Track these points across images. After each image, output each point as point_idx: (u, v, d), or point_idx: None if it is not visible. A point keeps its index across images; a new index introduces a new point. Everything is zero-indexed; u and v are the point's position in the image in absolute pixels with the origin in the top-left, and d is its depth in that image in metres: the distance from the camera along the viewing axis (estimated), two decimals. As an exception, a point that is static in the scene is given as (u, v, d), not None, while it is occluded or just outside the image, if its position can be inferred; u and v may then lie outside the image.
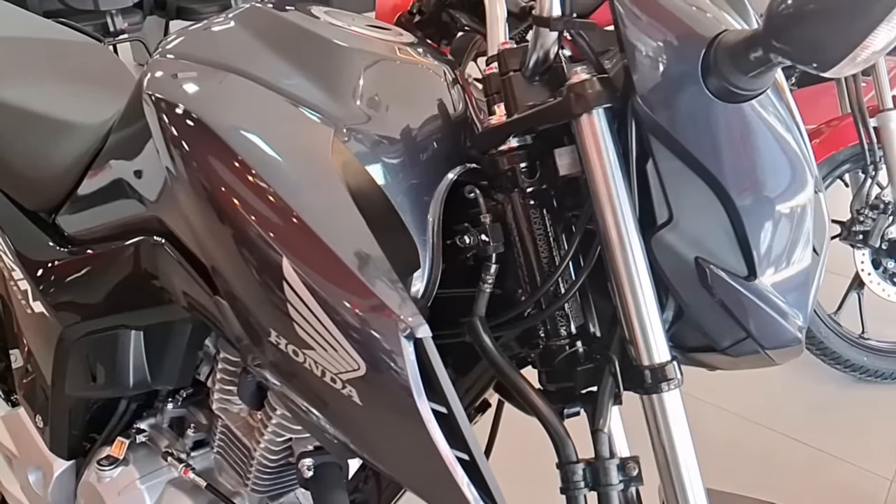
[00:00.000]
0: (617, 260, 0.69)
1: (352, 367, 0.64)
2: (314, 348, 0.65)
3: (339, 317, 0.64)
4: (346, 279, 0.64)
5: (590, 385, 0.73)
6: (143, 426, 1.12)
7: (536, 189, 0.75)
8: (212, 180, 0.70)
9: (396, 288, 0.65)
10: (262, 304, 0.67)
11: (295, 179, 0.68)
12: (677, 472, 0.69)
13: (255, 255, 0.67)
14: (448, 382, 0.65)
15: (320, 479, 0.94)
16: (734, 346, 0.72)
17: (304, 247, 0.65)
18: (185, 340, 1.01)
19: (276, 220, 0.66)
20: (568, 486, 0.67)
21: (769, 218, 0.69)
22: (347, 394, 0.65)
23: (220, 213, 0.69)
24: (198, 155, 0.71)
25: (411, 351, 0.63)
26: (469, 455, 0.65)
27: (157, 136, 0.76)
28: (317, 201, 0.68)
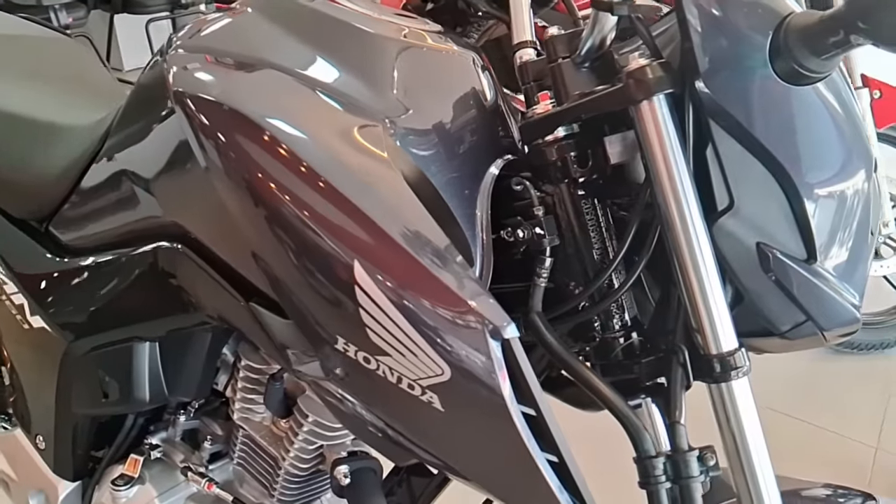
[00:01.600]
0: (682, 248, 0.67)
1: (434, 373, 0.61)
2: (390, 354, 0.62)
3: (419, 321, 0.61)
4: (426, 280, 0.61)
5: (654, 377, 0.72)
6: (156, 441, 1.07)
7: (587, 178, 0.74)
8: (270, 183, 0.66)
9: (479, 287, 0.63)
10: (330, 310, 0.64)
11: (358, 177, 0.65)
12: (748, 460, 0.69)
13: (322, 259, 0.63)
14: (536, 383, 0.63)
15: (358, 485, 0.91)
16: (793, 330, 0.71)
17: (377, 248, 0.62)
18: (204, 349, 0.97)
19: (345, 221, 0.63)
20: (648, 480, 0.66)
21: (830, 200, 0.68)
22: (427, 400, 0.62)
23: (280, 218, 0.65)
24: (250, 156, 0.67)
25: (500, 353, 0.60)
26: (558, 457, 0.63)
27: (192, 135, 0.72)
28: (384, 199, 0.64)
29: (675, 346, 0.70)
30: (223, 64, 0.76)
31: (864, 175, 0.69)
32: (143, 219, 0.88)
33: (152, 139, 0.84)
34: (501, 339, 0.60)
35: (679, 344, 0.69)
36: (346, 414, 0.74)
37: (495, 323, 0.60)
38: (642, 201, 0.71)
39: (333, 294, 0.63)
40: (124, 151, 0.90)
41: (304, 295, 0.66)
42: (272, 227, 0.66)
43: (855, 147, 0.69)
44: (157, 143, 0.83)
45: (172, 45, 0.81)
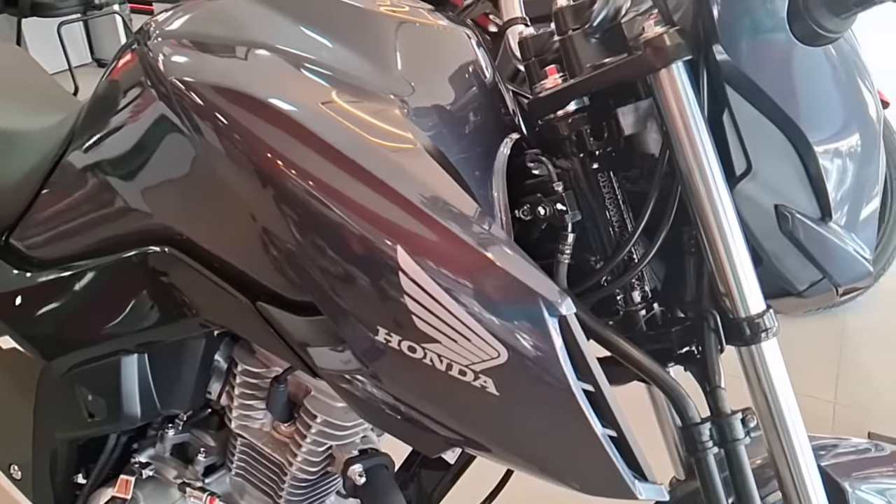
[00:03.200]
0: (707, 213, 0.67)
1: (489, 356, 0.59)
2: (439, 341, 0.60)
3: (471, 303, 0.58)
4: (474, 260, 0.59)
5: (685, 345, 0.72)
6: (145, 459, 1.01)
7: (602, 151, 0.73)
8: (293, 169, 0.62)
9: (529, 263, 0.61)
10: (370, 301, 0.61)
11: (387, 157, 0.62)
12: (781, 421, 0.70)
13: (361, 247, 0.60)
14: (593, 358, 0.61)
15: (373, 483, 0.89)
16: (810, 289, 0.73)
17: (420, 230, 0.59)
18: (197, 357, 0.92)
19: (382, 204, 0.60)
20: (696, 447, 0.66)
21: (842, 158, 0.70)
22: (481, 385, 0.60)
23: (309, 206, 0.61)
24: (268, 140, 0.63)
25: (558, 329, 0.59)
26: (617, 431, 0.62)
27: (191, 125, 0.67)
28: (417, 179, 0.62)
29: (705, 311, 0.70)
30: (217, 48, 0.71)
31: (876, 131, 0.71)
32: (122, 223, 0.82)
33: (131, 135, 0.78)
34: (559, 315, 0.59)
35: (709, 309, 0.70)
36: (372, 408, 0.71)
37: (551, 299, 0.59)
38: (660, 171, 0.70)
39: (375, 283, 0.60)
40: (94, 152, 0.84)
41: (340, 288, 0.62)
42: (300, 218, 0.62)
43: (865, 105, 0.70)
44: (138, 138, 0.77)
45: (150, 34, 0.76)
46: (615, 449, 0.62)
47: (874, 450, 0.86)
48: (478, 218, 0.62)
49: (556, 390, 0.59)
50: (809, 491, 0.70)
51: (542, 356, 0.59)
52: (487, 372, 0.60)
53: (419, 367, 0.62)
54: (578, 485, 0.64)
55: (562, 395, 0.59)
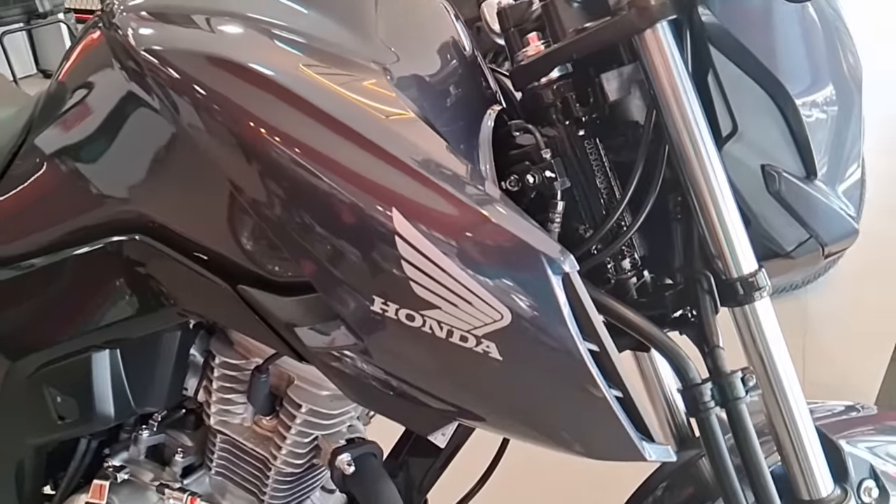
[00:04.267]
0: (696, 175, 0.67)
1: (492, 319, 0.57)
2: (438, 307, 0.58)
3: (472, 264, 0.57)
4: (473, 220, 0.57)
5: (679, 308, 0.72)
6: (118, 463, 0.97)
7: (588, 118, 0.72)
8: (281, 135, 0.59)
9: (528, 221, 0.59)
10: (365, 269, 0.59)
11: (377, 118, 0.60)
12: (777, 380, 0.70)
13: (354, 211, 0.57)
14: (598, 317, 0.60)
15: (363, 472, 0.86)
16: (797, 248, 0.73)
17: (415, 192, 0.57)
18: (172, 351, 0.88)
19: (376, 166, 0.58)
20: (698, 408, 0.66)
21: (826, 116, 0.71)
22: (483, 350, 0.59)
23: (299, 172, 0.59)
24: (252, 107, 0.60)
25: (562, 287, 0.57)
26: (623, 392, 0.61)
27: (166, 99, 0.64)
28: (409, 140, 0.60)
29: (698, 274, 0.70)
30: (185, 19, 0.68)
31: (854, 89, 0.72)
32: (89, 212, 0.79)
33: (97, 118, 0.75)
34: (562, 273, 0.58)
35: (702, 271, 0.69)
36: (363, 387, 0.69)
37: (553, 256, 0.58)
38: (647, 136, 0.70)
39: (370, 250, 0.58)
40: (56, 140, 0.80)
41: (332, 258, 0.60)
42: (289, 186, 0.60)
43: (842, 64, 0.71)
44: (105, 121, 0.74)
45: (115, 11, 0.73)
46: (622, 410, 0.61)
47: (862, 410, 0.87)
48: (473, 179, 0.60)
49: (561, 350, 0.58)
50: (807, 447, 0.70)
51: (547, 315, 0.57)
52: (490, 336, 0.58)
53: (418, 337, 0.60)
54: (584, 449, 0.63)
55: (567, 356, 0.58)
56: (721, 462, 0.66)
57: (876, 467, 0.76)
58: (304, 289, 0.68)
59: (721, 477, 0.67)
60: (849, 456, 0.74)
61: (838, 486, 0.72)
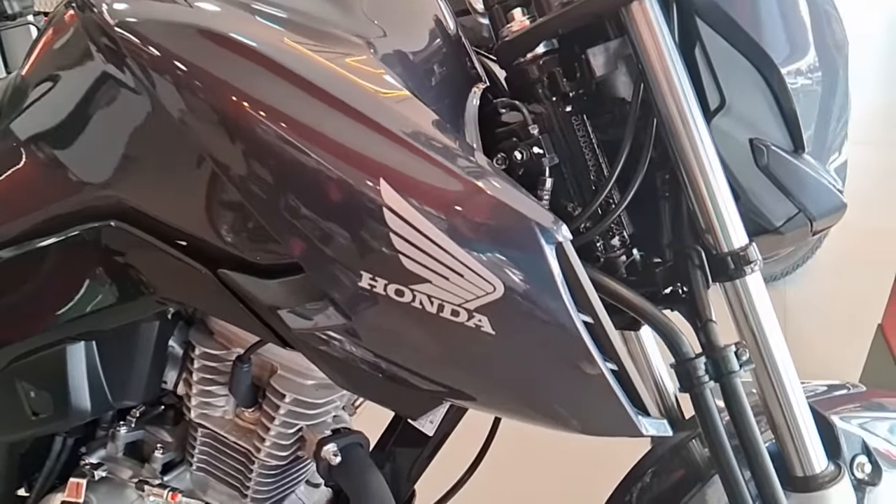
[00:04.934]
0: (686, 149, 0.67)
1: (484, 291, 0.56)
2: (429, 280, 0.56)
3: (462, 235, 0.55)
4: (463, 189, 0.56)
5: (669, 284, 0.71)
6: (96, 460, 0.94)
7: (575, 93, 0.71)
8: (263, 109, 0.58)
9: (519, 190, 0.58)
10: (353, 243, 0.57)
11: (363, 89, 0.58)
12: (769, 354, 0.69)
13: (339, 183, 0.56)
14: (591, 287, 0.59)
15: (349, 462, 0.84)
16: (786, 224, 0.73)
17: (403, 162, 0.56)
18: (150, 342, 0.85)
19: (362, 136, 0.56)
20: (692, 383, 0.65)
21: (813, 89, 0.70)
22: (475, 325, 0.57)
23: (283, 144, 0.57)
24: (233, 82, 0.58)
25: (555, 257, 0.56)
26: (618, 365, 0.60)
27: (146, 80, 0.63)
28: (395, 109, 0.58)
29: (688, 249, 0.69)
30: None
31: (840, 62, 0.72)
32: (62, 199, 0.76)
33: (70, 102, 0.73)
34: (555, 242, 0.56)
35: (692, 246, 0.68)
36: (351, 370, 0.67)
37: (546, 225, 0.56)
38: (634, 110, 0.69)
39: (357, 223, 0.56)
40: (28, 126, 0.78)
41: (318, 232, 0.58)
42: (273, 159, 0.58)
43: (831, 35, 0.71)
44: (79, 104, 0.72)
45: None
46: (618, 383, 0.60)
47: (851, 388, 0.87)
48: (461, 148, 0.59)
49: (554, 322, 0.57)
50: (800, 423, 0.70)
51: (540, 286, 0.56)
52: (482, 309, 0.57)
53: (408, 313, 0.58)
54: (579, 424, 0.62)
55: (561, 328, 0.57)
56: (717, 437, 0.65)
57: (868, 443, 0.76)
58: (288, 271, 0.66)
59: (717, 452, 0.66)
60: (841, 432, 0.74)
61: (832, 462, 0.72)
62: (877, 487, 0.75)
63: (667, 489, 0.88)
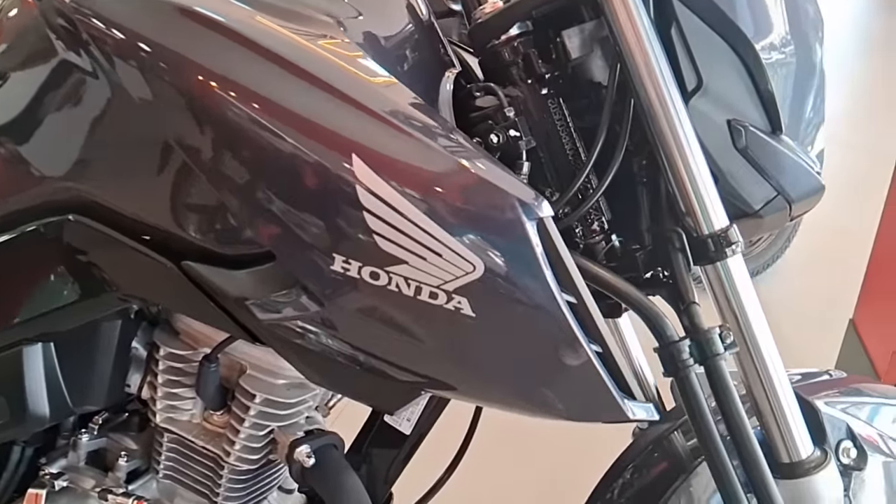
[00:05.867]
0: (664, 130, 0.65)
1: (463, 271, 0.53)
2: (405, 261, 0.54)
3: (440, 213, 0.53)
4: (440, 165, 0.53)
5: (650, 268, 0.69)
6: (56, 470, 0.89)
7: (551, 76, 0.70)
8: (231, 87, 0.55)
9: (498, 165, 0.56)
10: (324, 224, 0.54)
11: (335, 63, 0.56)
12: (752, 338, 0.68)
13: (309, 160, 0.53)
14: (574, 266, 0.57)
15: (324, 464, 0.81)
16: (765, 207, 0.72)
17: (376, 136, 0.53)
18: (112, 343, 0.82)
19: (332, 110, 0.54)
20: (676, 366, 0.63)
21: (789, 70, 0.70)
22: (454, 307, 0.54)
23: (252, 121, 0.54)
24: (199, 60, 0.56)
25: (536, 234, 0.54)
26: (602, 347, 0.58)
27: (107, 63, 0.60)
28: (369, 85, 0.56)
29: (669, 232, 0.67)
30: None
31: (816, 43, 0.71)
32: (17, 194, 0.73)
33: (25, 93, 0.70)
34: (537, 218, 0.54)
35: (673, 229, 0.67)
36: (325, 363, 0.64)
37: (527, 201, 0.54)
38: (611, 93, 0.68)
39: (329, 201, 0.54)
40: None
41: (286, 213, 0.55)
42: (242, 138, 0.55)
43: (805, 15, 0.70)
44: (34, 95, 0.69)
45: None
46: (603, 366, 0.58)
47: (833, 374, 0.87)
48: (439, 125, 0.57)
49: (537, 302, 0.55)
50: (785, 408, 0.68)
51: (521, 264, 0.54)
52: (462, 290, 0.54)
53: (383, 297, 0.55)
54: (563, 410, 0.59)
55: (544, 308, 0.55)
56: (703, 422, 0.64)
57: (853, 428, 0.75)
58: (256, 261, 0.63)
59: (704, 438, 0.64)
60: (826, 417, 0.73)
61: (817, 447, 0.70)
62: (862, 472, 0.74)
63: (649, 483, 0.86)
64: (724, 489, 0.64)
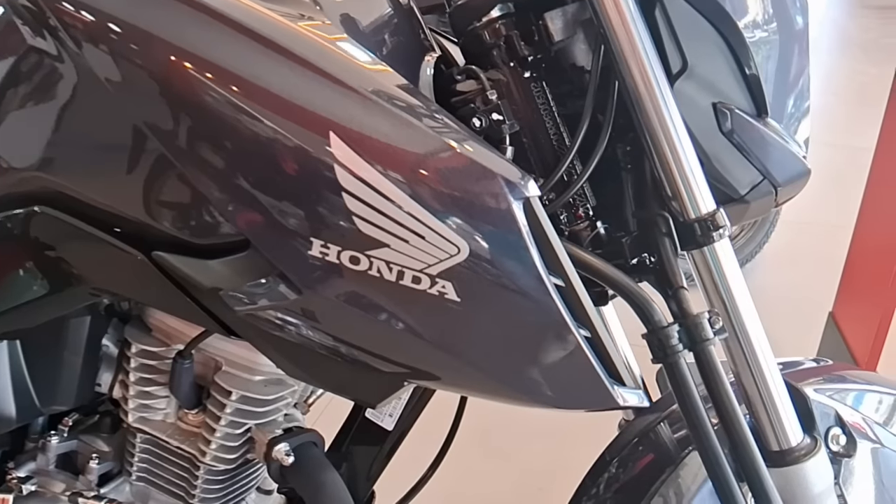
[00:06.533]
0: (650, 112, 0.64)
1: (448, 253, 0.51)
2: (387, 244, 0.52)
3: (422, 193, 0.51)
4: (422, 143, 0.51)
5: (636, 254, 0.68)
6: (24, 474, 0.86)
7: (534, 59, 0.68)
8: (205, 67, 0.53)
9: (482, 144, 0.54)
10: (300, 206, 0.52)
11: (312, 40, 0.54)
12: (741, 324, 0.67)
13: (285, 138, 0.51)
14: (562, 248, 0.55)
15: (303, 462, 0.78)
16: (751, 192, 0.71)
17: (355, 113, 0.51)
18: (81, 341, 0.79)
19: (309, 86, 0.51)
20: (665, 352, 0.61)
21: (775, 52, 0.69)
22: (438, 292, 0.52)
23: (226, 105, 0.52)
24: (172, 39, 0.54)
25: (523, 214, 0.52)
26: (591, 331, 0.56)
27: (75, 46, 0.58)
28: (348, 61, 0.54)
29: (655, 216, 0.66)
30: None
31: (802, 25, 0.70)
32: None
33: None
34: (523, 198, 0.53)
35: (660, 213, 0.66)
36: (303, 355, 0.62)
37: (513, 180, 0.52)
38: (595, 76, 0.66)
39: (307, 182, 0.51)
40: None
41: (265, 197, 0.53)
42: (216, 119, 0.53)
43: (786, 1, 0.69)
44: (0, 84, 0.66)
45: None
46: (592, 351, 0.56)
47: (820, 363, 0.86)
48: (422, 103, 0.55)
49: (524, 285, 0.53)
50: (774, 395, 0.67)
51: (508, 245, 0.52)
52: (446, 274, 0.52)
53: (364, 282, 0.53)
54: (552, 397, 0.58)
55: (531, 291, 0.53)
56: (693, 408, 0.62)
57: (841, 415, 0.74)
58: (229, 250, 0.61)
59: (694, 424, 0.63)
60: (815, 404, 0.72)
61: (807, 434, 0.69)
62: (852, 460, 0.73)
63: (636, 476, 0.85)
64: (716, 478, 0.63)
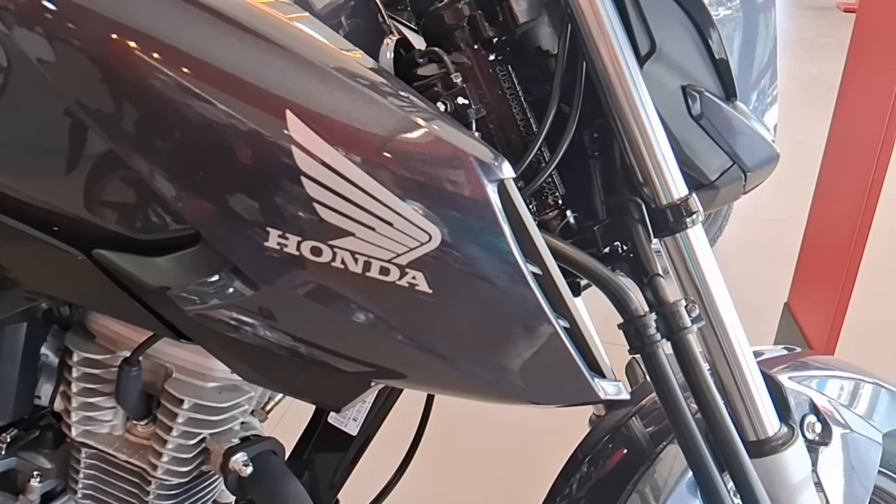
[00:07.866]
0: (619, 97, 0.62)
1: (419, 241, 0.48)
2: (351, 233, 0.48)
3: (389, 177, 0.47)
4: (389, 123, 0.48)
5: (608, 243, 0.66)
6: (-43, 497, 0.80)
7: (498, 41, 0.65)
8: (152, 48, 0.48)
9: (454, 125, 0.50)
10: (254, 195, 0.47)
11: (268, 15, 0.50)
12: (715, 312, 0.66)
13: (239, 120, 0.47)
14: (539, 234, 0.52)
15: (262, 472, 0.74)
16: (721, 177, 0.70)
17: (315, 91, 0.47)
18: (17, 350, 0.73)
19: (264, 61, 0.47)
20: (643, 342, 0.59)
21: (743, 34, 0.68)
22: (408, 283, 0.49)
23: (171, 83, 0.47)
24: (110, 13, 0.49)
25: (497, 198, 0.49)
26: (570, 321, 0.53)
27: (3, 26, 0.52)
28: (308, 37, 0.50)
29: (627, 203, 0.64)
30: None
31: (770, 7, 0.69)
32: None
33: None
34: (497, 180, 0.49)
35: (632, 199, 0.64)
36: (261, 357, 0.58)
37: (486, 161, 0.49)
38: (562, 59, 0.64)
39: (261, 167, 0.47)
40: None
41: (216, 184, 0.49)
42: (160, 101, 0.48)
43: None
44: None
45: None
46: (571, 342, 0.53)
47: (792, 351, 0.85)
48: (388, 82, 0.51)
49: (500, 273, 0.50)
50: (750, 384, 0.66)
51: (482, 231, 0.49)
52: (416, 263, 0.49)
53: (327, 275, 0.49)
54: (528, 392, 0.55)
55: (507, 280, 0.50)
56: (673, 398, 0.60)
57: (816, 402, 0.73)
58: (176, 245, 0.56)
59: (673, 414, 0.61)
60: (790, 392, 0.71)
61: (783, 423, 0.68)
62: (828, 447, 0.72)
63: (609, 473, 0.82)
64: (698, 468, 0.61)
